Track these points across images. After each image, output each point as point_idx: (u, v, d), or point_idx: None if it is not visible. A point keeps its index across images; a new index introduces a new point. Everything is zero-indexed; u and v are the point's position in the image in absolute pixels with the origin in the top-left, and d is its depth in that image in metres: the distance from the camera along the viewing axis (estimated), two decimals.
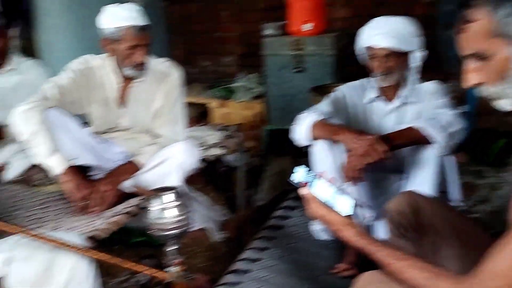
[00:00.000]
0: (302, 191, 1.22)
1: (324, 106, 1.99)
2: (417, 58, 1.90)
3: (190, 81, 4.51)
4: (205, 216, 2.79)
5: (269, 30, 3.38)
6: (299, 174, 1.25)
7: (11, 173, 2.43)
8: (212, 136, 2.61)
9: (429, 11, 3.43)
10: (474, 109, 3.11)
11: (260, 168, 3.26)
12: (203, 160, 2.42)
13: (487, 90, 1.02)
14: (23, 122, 1.89)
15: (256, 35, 3.63)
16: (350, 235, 1.14)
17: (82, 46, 2.79)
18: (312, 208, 1.21)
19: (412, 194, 1.44)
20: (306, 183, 1.23)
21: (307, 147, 1.95)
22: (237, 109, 3.72)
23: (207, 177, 3.32)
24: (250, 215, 2.89)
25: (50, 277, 1.43)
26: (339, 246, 1.83)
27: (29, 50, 3.71)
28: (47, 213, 2.02)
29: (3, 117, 2.15)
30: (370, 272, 1.13)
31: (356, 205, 1.23)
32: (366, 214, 1.85)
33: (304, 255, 1.87)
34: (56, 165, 1.88)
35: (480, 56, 0.99)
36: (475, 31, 0.98)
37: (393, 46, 1.83)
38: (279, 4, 3.48)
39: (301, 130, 1.90)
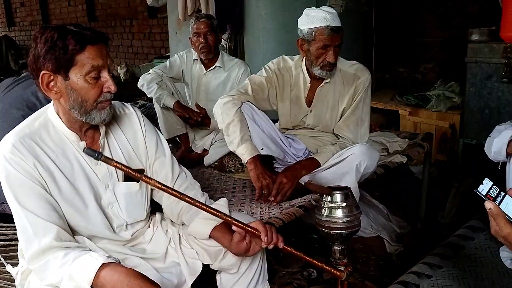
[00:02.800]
0: (488, 205, 1.12)
1: None
2: None
3: (382, 87, 4.45)
4: (382, 225, 2.72)
5: (475, 35, 3.10)
6: (486, 187, 1.15)
7: (211, 158, 2.78)
8: (396, 143, 2.51)
9: None
10: None
11: (449, 183, 3.02)
12: (384, 166, 2.36)
13: None
14: (222, 112, 2.13)
15: (461, 41, 3.36)
16: None
17: (283, 49, 3.00)
18: (497, 224, 1.10)
19: None
20: (493, 197, 1.12)
21: (503, 165, 1.74)
22: (430, 118, 3.49)
23: (390, 186, 3.23)
24: (429, 231, 2.71)
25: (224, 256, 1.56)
26: None
27: (237, 52, 4.15)
28: (235, 197, 2.25)
29: (211, 109, 2.44)
30: None
31: None
32: None
33: (484, 281, 1.67)
34: (245, 153, 2.07)
35: None
36: None
37: None
38: (491, 8, 3.16)
39: (498, 143, 1.71)
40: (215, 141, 2.83)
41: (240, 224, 1.38)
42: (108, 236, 1.46)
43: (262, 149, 2.12)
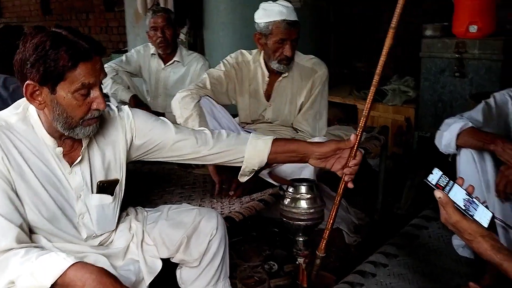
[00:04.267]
0: (438, 194, 1.16)
1: (474, 114, 1.80)
2: None
3: (341, 82, 4.52)
4: (341, 217, 2.77)
5: (429, 31, 3.19)
6: (436, 176, 1.19)
7: None
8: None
9: None
10: None
11: (405, 175, 3.10)
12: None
13: None
14: (180, 107, 2.10)
15: (416, 36, 3.46)
16: (485, 248, 1.06)
17: (243, 43, 2.99)
18: (446, 212, 1.14)
19: None
20: (443, 186, 1.16)
21: (453, 157, 1.80)
22: (387, 112, 3.58)
23: None
24: (386, 222, 2.77)
25: (187, 248, 1.55)
26: (479, 266, 1.66)
27: (196, 46, 4.12)
28: (195, 192, 2.23)
29: (169, 104, 2.40)
30: None
31: (493, 219, 1.12)
32: None
33: (437, 268, 1.74)
34: None
35: None
36: None
37: None
38: (444, 5, 3.26)
39: (447, 136, 1.75)
40: None
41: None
42: (74, 242, 1.42)
43: None
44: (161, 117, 1.58)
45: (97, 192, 1.43)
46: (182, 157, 1.56)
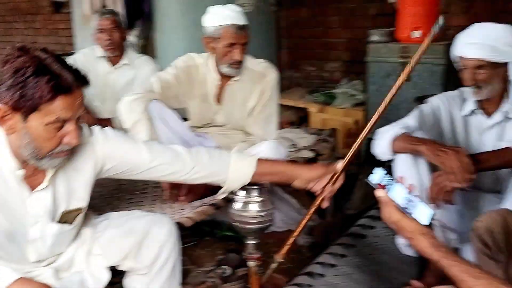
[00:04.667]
0: (379, 193, 1.19)
1: (409, 120, 1.85)
2: None
3: (293, 85, 4.58)
4: (294, 219, 2.80)
5: (375, 36, 3.29)
6: (378, 176, 1.22)
7: None
8: (304, 139, 2.61)
9: None
10: None
11: (354, 176, 3.18)
12: (293, 162, 2.43)
13: None
14: (127, 111, 2.06)
15: (363, 41, 3.56)
16: (425, 245, 1.09)
17: (196, 46, 2.98)
18: (387, 211, 1.17)
19: (505, 212, 1.31)
20: (384, 185, 1.19)
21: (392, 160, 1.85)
22: (337, 115, 3.66)
23: None
24: (337, 222, 2.83)
25: (137, 255, 1.52)
26: (422, 264, 1.72)
27: (147, 49, 4.06)
28: (145, 198, 2.20)
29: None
30: (443, 286, 1.05)
31: (433, 217, 1.16)
32: (451, 237, 1.70)
33: (383, 267, 1.79)
34: None
35: None
36: None
37: (485, 57, 1.65)
38: (391, 10, 3.37)
39: (382, 144, 1.79)
40: None
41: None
42: (19, 263, 1.35)
43: None
44: (140, 141, 1.53)
45: (58, 222, 1.36)
46: (158, 179, 1.52)
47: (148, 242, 1.49)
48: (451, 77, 3.03)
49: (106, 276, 1.48)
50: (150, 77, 2.64)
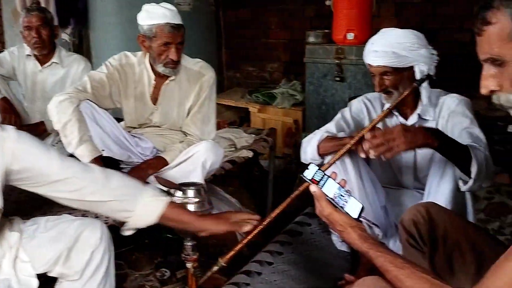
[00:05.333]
0: (312, 188, 1.22)
1: (330, 125, 1.92)
2: (424, 71, 1.72)
3: (234, 85, 4.60)
4: None
5: (312, 37, 3.35)
6: (311, 171, 1.25)
7: None
8: (244, 138, 2.62)
9: None
10: None
11: (294, 174, 3.23)
12: (232, 161, 2.44)
13: (503, 98, 0.96)
14: (58, 111, 1.98)
15: (302, 42, 3.62)
16: (354, 238, 1.12)
17: (133, 44, 2.91)
18: (320, 206, 1.20)
19: (428, 205, 1.38)
20: (317, 181, 1.22)
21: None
22: (277, 115, 3.71)
23: (242, 181, 3.35)
24: (279, 220, 2.87)
25: (68, 261, 1.46)
26: (356, 259, 1.78)
27: (82, 48, 3.92)
28: None
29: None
30: (371, 277, 1.09)
31: (362, 210, 1.20)
32: (376, 232, 1.77)
33: (318, 263, 1.83)
34: (84, 155, 1.95)
35: (496, 61, 0.93)
36: (492, 35, 0.92)
37: (387, 63, 1.70)
38: (328, 12, 3.45)
39: (309, 150, 1.84)
40: (56, 143, 2.62)
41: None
42: None
43: (103, 150, 2.03)
44: (53, 151, 1.42)
45: None
46: (61, 200, 1.43)
47: (79, 247, 1.44)
48: None
49: (35, 284, 1.41)
50: (82, 76, 2.57)
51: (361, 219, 1.20)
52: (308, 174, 1.24)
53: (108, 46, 3.50)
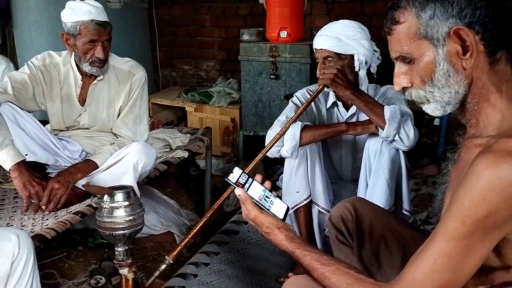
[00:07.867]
0: (237, 192, 1.20)
1: (289, 113, 1.95)
2: (362, 62, 1.88)
3: (169, 84, 4.51)
4: (172, 220, 2.75)
5: (246, 35, 3.36)
6: (236, 175, 1.24)
7: None
8: (179, 138, 2.57)
9: None
10: (447, 122, 3.11)
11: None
12: (167, 162, 2.38)
13: (414, 94, 1.00)
14: None
15: (236, 40, 3.62)
16: (281, 238, 1.12)
17: (58, 43, 2.78)
18: (246, 208, 1.19)
19: (355, 201, 1.42)
20: (242, 184, 1.21)
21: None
22: (214, 113, 3.68)
23: (180, 181, 3.29)
24: (217, 220, 2.85)
25: None
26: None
27: (6, 47, 3.69)
28: (3, 210, 1.99)
29: None
30: (297, 276, 1.10)
31: (288, 211, 1.21)
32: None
33: (256, 261, 1.83)
34: (6, 160, 1.83)
35: (406, 59, 0.97)
36: (401, 33, 0.96)
37: (330, 47, 1.85)
38: (261, 11, 3.47)
39: (291, 143, 1.83)
40: None
41: None
42: None
43: (27, 154, 1.92)
44: None
45: None
46: None
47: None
48: (316, 74, 3.23)
49: None
50: (3, 77, 2.42)
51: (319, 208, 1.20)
52: (233, 177, 1.23)
53: (34, 46, 3.32)
